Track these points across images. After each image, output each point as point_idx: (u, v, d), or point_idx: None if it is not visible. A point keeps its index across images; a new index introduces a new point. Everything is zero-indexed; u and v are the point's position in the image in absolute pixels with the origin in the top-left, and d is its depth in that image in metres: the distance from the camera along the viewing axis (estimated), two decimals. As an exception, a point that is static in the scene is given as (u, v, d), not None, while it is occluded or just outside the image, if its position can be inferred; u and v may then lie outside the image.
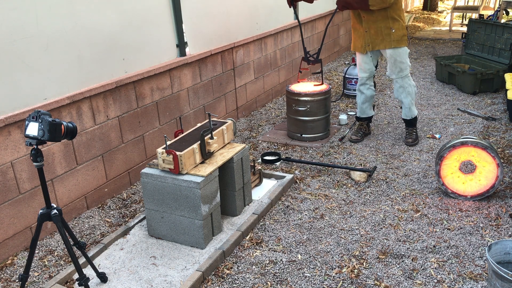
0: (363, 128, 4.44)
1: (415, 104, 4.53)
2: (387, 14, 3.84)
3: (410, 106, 4.17)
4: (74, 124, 2.13)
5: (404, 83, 4.08)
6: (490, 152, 3.16)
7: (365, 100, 4.33)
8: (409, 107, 4.18)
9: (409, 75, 4.09)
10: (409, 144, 4.24)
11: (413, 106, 4.20)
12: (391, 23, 3.86)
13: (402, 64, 4.01)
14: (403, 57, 3.99)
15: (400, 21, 3.90)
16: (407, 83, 4.09)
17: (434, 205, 3.24)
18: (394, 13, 3.85)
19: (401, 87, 4.12)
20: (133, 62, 3.57)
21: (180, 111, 4.14)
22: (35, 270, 2.71)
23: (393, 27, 3.87)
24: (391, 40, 3.91)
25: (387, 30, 3.89)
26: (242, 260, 2.74)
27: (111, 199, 3.52)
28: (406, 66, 4.04)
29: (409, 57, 4.22)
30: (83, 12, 3.10)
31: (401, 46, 3.95)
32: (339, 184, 3.61)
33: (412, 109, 4.21)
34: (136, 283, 2.55)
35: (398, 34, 3.90)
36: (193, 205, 2.74)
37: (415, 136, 4.31)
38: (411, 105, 4.17)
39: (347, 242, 2.87)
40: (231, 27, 4.79)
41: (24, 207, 2.89)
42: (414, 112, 4.23)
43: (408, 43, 4.01)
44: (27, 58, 2.78)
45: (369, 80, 4.26)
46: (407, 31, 3.97)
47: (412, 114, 4.23)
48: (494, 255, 2.32)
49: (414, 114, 4.24)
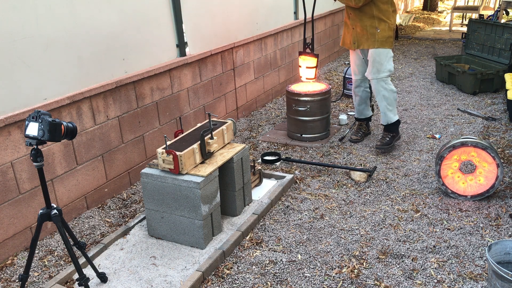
0: (363, 128, 4.44)
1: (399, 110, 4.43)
2: (373, 13, 3.76)
3: (385, 111, 4.01)
4: (74, 124, 2.13)
5: (379, 86, 3.93)
6: (490, 152, 3.16)
7: (361, 102, 4.31)
8: (384, 112, 4.03)
9: (388, 79, 3.93)
10: (377, 147, 4.04)
11: (389, 111, 4.01)
12: (377, 23, 3.79)
13: (380, 66, 3.88)
14: (382, 58, 3.86)
15: (387, 23, 3.79)
16: (383, 86, 3.92)
17: (434, 205, 3.24)
18: (381, 13, 3.77)
19: (376, 89, 3.98)
20: (133, 62, 3.56)
21: (180, 111, 4.14)
22: (35, 270, 2.71)
23: (379, 27, 3.79)
24: (375, 40, 3.83)
25: (372, 29, 3.81)
26: (242, 260, 2.74)
27: (111, 199, 3.52)
28: (384, 69, 3.89)
29: (393, 61, 4.09)
30: (83, 12, 3.10)
31: (384, 48, 3.84)
32: (339, 184, 3.61)
33: (388, 115, 4.02)
34: (136, 283, 2.55)
35: (383, 35, 3.81)
36: (193, 205, 2.74)
37: (387, 141, 4.05)
38: (387, 110, 4.00)
39: (347, 242, 2.87)
40: (231, 27, 4.79)
41: (24, 207, 2.89)
42: (390, 118, 4.04)
43: (393, 46, 3.91)
44: (27, 58, 2.78)
45: (363, 82, 4.20)
46: (393, 33, 3.88)
47: (387, 119, 4.05)
48: (494, 255, 2.32)
49: (391, 120, 4.04)
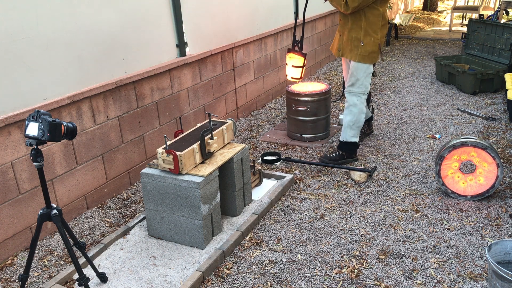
0: (364, 128, 4.43)
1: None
2: (361, 24, 3.59)
3: (345, 127, 3.81)
4: (74, 124, 2.13)
5: (350, 99, 3.76)
6: (490, 152, 3.16)
7: None
8: (344, 128, 3.83)
9: (362, 96, 3.74)
10: (320, 157, 3.92)
11: (350, 129, 3.79)
12: (362, 35, 3.59)
13: (356, 81, 3.70)
14: (359, 73, 3.68)
15: (373, 37, 3.59)
16: (353, 101, 3.74)
17: (434, 205, 3.24)
18: (369, 26, 3.57)
19: (347, 101, 3.80)
20: (133, 62, 3.56)
21: (180, 111, 4.14)
22: (35, 270, 2.71)
23: (363, 40, 3.59)
24: (357, 53, 3.64)
25: (356, 41, 3.63)
26: (242, 260, 2.74)
27: (111, 199, 3.52)
28: (360, 85, 3.71)
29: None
30: (83, 12, 3.10)
31: (363, 62, 3.65)
32: (339, 184, 3.61)
33: (347, 132, 3.81)
34: (136, 283, 2.55)
35: (366, 50, 3.61)
36: (193, 205, 2.74)
37: (333, 157, 3.85)
38: (348, 127, 3.80)
39: (347, 242, 2.87)
40: (231, 27, 4.79)
41: (24, 207, 2.89)
42: (347, 137, 3.82)
43: (376, 61, 3.71)
44: (27, 58, 2.78)
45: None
46: (378, 48, 3.64)
47: (344, 137, 3.84)
48: (494, 255, 2.32)
49: (347, 139, 3.83)
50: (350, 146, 3.88)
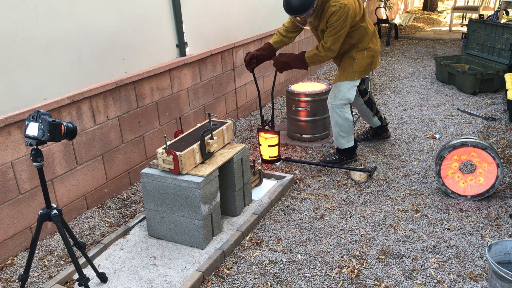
0: (369, 132, 4.38)
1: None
2: (351, 44, 3.55)
3: (337, 137, 3.82)
4: (74, 124, 2.13)
5: (333, 112, 3.71)
6: (490, 152, 3.16)
7: (363, 116, 4.22)
8: (335, 137, 3.84)
9: (345, 107, 3.68)
10: (320, 160, 3.98)
11: (342, 138, 3.80)
12: (354, 52, 3.57)
13: (338, 92, 3.65)
14: (344, 86, 3.63)
15: (364, 52, 3.57)
16: (337, 113, 3.69)
17: (434, 205, 3.24)
18: (359, 43, 3.54)
19: (330, 114, 3.77)
20: (133, 62, 3.56)
21: (180, 111, 4.14)
22: (35, 270, 2.71)
23: (356, 57, 3.57)
24: (352, 71, 3.60)
25: (350, 61, 3.60)
26: (242, 260, 2.74)
27: (111, 199, 3.52)
28: (342, 97, 3.63)
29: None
30: (83, 12, 3.10)
31: (350, 80, 3.62)
32: (339, 184, 3.61)
33: (339, 140, 3.82)
34: (136, 283, 2.55)
35: (361, 65, 3.58)
36: (193, 205, 2.74)
37: (332, 160, 3.89)
38: (339, 136, 3.80)
39: (347, 242, 2.87)
40: (231, 27, 4.79)
41: (24, 207, 2.89)
42: (341, 144, 3.83)
43: (368, 73, 3.69)
44: (27, 58, 2.78)
45: (354, 102, 4.04)
46: (372, 59, 3.61)
47: (338, 144, 3.85)
48: (494, 255, 2.32)
49: (342, 146, 3.84)
50: (346, 151, 3.88)
